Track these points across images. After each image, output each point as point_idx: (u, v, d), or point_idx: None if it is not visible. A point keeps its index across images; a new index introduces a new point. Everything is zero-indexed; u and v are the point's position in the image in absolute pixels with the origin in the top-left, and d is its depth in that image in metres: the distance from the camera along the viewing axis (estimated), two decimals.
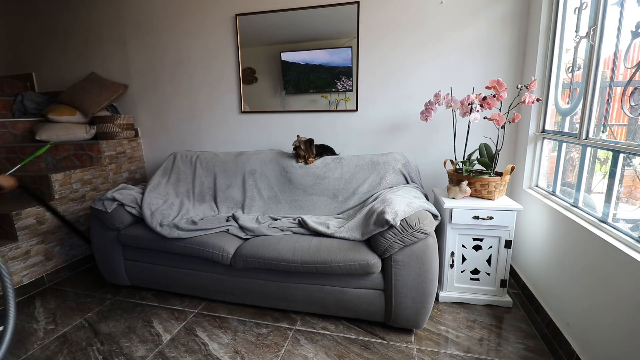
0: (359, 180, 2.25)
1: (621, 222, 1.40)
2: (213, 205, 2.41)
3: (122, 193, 2.15)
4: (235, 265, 1.87)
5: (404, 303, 1.66)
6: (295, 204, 2.33)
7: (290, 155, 2.46)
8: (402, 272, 1.64)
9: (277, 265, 1.78)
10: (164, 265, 2.07)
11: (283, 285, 1.84)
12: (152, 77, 2.92)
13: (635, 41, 1.30)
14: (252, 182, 2.43)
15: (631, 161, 1.41)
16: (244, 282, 1.91)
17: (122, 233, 2.09)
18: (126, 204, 2.10)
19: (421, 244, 1.62)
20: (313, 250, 1.75)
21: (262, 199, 2.39)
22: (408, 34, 2.35)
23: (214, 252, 1.87)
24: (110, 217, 2.05)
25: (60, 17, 3.03)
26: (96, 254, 2.20)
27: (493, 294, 1.96)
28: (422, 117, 2.12)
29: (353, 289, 1.75)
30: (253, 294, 1.92)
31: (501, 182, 1.89)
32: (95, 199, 2.10)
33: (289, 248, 1.79)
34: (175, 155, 2.64)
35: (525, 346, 1.64)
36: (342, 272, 1.70)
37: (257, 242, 1.89)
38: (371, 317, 1.78)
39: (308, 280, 1.80)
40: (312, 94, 2.60)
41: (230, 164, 2.51)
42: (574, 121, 1.83)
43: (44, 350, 1.70)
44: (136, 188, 2.32)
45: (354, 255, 1.69)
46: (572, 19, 1.82)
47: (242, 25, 2.60)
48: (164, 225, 2.00)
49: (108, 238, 2.13)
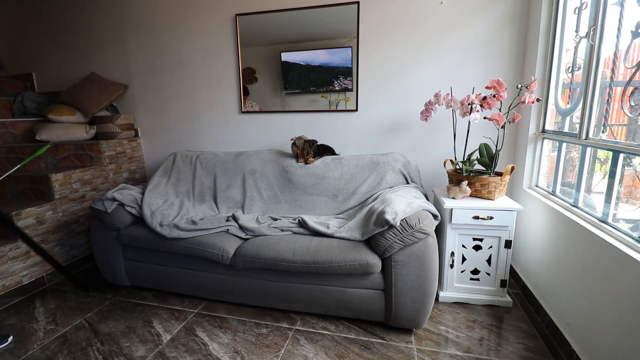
0: (359, 180, 2.25)
1: (621, 222, 1.39)
2: (213, 205, 2.41)
3: (122, 193, 2.15)
4: (235, 265, 1.87)
5: (404, 303, 1.66)
6: (295, 204, 2.33)
7: (290, 155, 2.46)
8: (402, 272, 1.64)
9: (277, 265, 1.78)
10: (164, 265, 2.07)
11: (283, 285, 1.84)
12: (152, 77, 2.92)
13: (635, 41, 1.30)
14: (252, 182, 2.43)
15: (631, 161, 1.41)
16: (244, 282, 1.91)
17: (122, 233, 2.09)
18: (126, 204, 2.10)
19: (421, 244, 1.62)
20: (313, 250, 1.75)
21: (262, 199, 2.39)
22: (408, 34, 2.35)
23: (214, 252, 1.87)
24: (111, 217, 2.05)
25: (60, 17, 3.03)
26: (96, 254, 2.19)
27: (493, 294, 1.96)
28: (422, 117, 2.12)
29: (353, 289, 1.75)
30: (253, 294, 1.92)
31: (501, 182, 1.89)
32: (95, 199, 2.09)
33: (289, 248, 1.79)
34: (175, 155, 2.63)
35: (525, 346, 1.64)
36: (342, 272, 1.70)
37: (257, 242, 1.88)
38: (371, 317, 1.78)
39: (308, 280, 1.80)
40: (312, 94, 2.60)
41: (230, 164, 2.51)
42: (574, 121, 1.83)
43: (44, 350, 1.70)
44: (136, 188, 2.31)
45: (354, 255, 1.68)
46: (572, 19, 1.82)
47: (242, 25, 2.60)
48: (164, 225, 2.00)
49: (108, 238, 2.12)
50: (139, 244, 2.06)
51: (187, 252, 1.95)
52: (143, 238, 2.03)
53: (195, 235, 1.96)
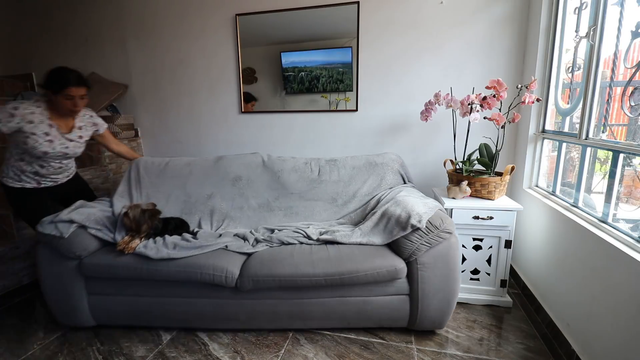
0: (359, 182, 2.20)
1: (621, 222, 1.40)
2: (194, 218, 2.13)
3: (81, 212, 1.75)
4: (242, 287, 1.62)
5: (431, 305, 1.63)
6: (291, 210, 2.17)
7: (280, 159, 2.30)
8: (429, 274, 1.60)
9: (295, 281, 1.59)
10: (146, 296, 1.73)
11: (298, 302, 1.67)
12: (153, 77, 2.92)
13: (635, 41, 1.30)
14: (238, 190, 2.21)
15: (631, 161, 1.41)
16: (250, 304, 1.68)
17: (86, 262, 1.69)
18: (89, 225, 1.72)
19: (445, 243, 1.60)
20: (334, 260, 1.62)
21: (252, 208, 2.18)
22: (408, 34, 2.35)
23: (215, 274, 1.61)
24: (69, 243, 1.64)
25: (60, 17, 3.03)
26: (46, 292, 1.75)
27: (493, 294, 1.96)
28: (422, 117, 2.12)
29: (377, 297, 1.66)
30: (262, 316, 1.71)
31: (501, 182, 1.90)
32: (44, 222, 1.66)
33: (306, 261, 1.63)
34: (138, 166, 2.24)
35: (525, 346, 1.64)
36: (368, 280, 1.59)
37: (266, 258, 1.68)
38: (395, 324, 1.72)
39: (327, 293, 1.65)
40: (312, 94, 2.60)
41: (209, 171, 2.24)
42: (574, 121, 1.83)
43: (44, 350, 1.70)
44: (97, 205, 1.93)
45: (380, 261, 1.60)
46: (572, 19, 1.82)
47: (242, 26, 2.60)
48: (149, 245, 1.72)
49: (65, 270, 1.70)
50: (112, 273, 1.68)
51: (179, 278, 1.64)
52: (117, 265, 1.66)
53: (189, 255, 1.67)
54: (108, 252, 1.72)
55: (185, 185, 2.22)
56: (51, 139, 1.75)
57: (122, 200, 2.07)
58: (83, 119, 1.92)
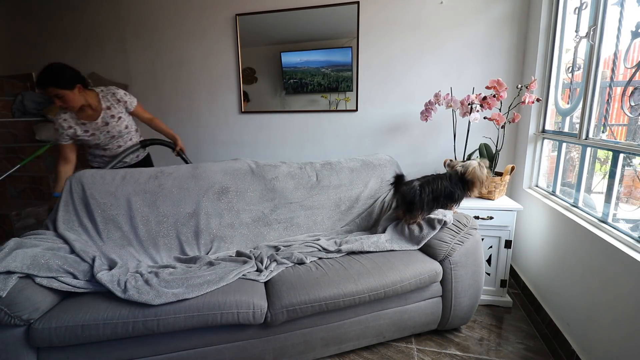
0: (360, 185, 2.06)
1: (621, 222, 1.39)
2: (175, 245, 1.74)
3: (21, 256, 1.24)
4: (274, 322, 1.35)
5: (462, 303, 1.64)
6: (292, 222, 1.93)
7: (270, 166, 2.02)
8: (461, 272, 1.61)
9: (338, 303, 1.39)
10: (139, 358, 1.30)
11: (334, 326, 1.48)
12: (152, 77, 2.92)
13: (635, 41, 1.30)
14: (226, 204, 1.85)
15: (631, 161, 1.41)
16: (280, 339, 1.42)
17: (38, 327, 1.19)
18: (38, 274, 1.24)
19: (472, 240, 1.62)
20: (374, 272, 1.47)
21: (245, 224, 1.86)
22: (408, 34, 2.35)
23: (240, 312, 1.29)
24: (10, 303, 1.15)
25: (60, 17, 3.03)
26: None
27: (493, 294, 1.96)
28: (422, 117, 2.12)
29: (413, 305, 1.59)
30: (292, 349, 1.45)
31: (501, 182, 1.89)
32: None
33: (346, 277, 1.45)
34: (81, 183, 1.68)
35: (525, 346, 1.64)
36: (411, 289, 1.50)
37: (294, 281, 1.44)
38: (426, 328, 1.68)
39: (364, 310, 1.50)
40: (312, 94, 2.60)
41: (187, 183, 1.81)
42: (574, 121, 1.83)
43: None
44: (41, 243, 1.42)
45: (421, 266, 1.53)
46: (572, 19, 1.82)
47: (242, 25, 2.60)
48: (140, 288, 1.29)
49: (5, 343, 1.18)
50: (82, 337, 1.20)
51: (190, 325, 1.27)
52: (92, 324, 1.20)
53: (205, 292, 1.33)
54: (75, 307, 1.24)
55: (156, 203, 1.75)
56: (92, 132, 1.89)
57: (74, 231, 1.60)
58: (107, 98, 1.92)
